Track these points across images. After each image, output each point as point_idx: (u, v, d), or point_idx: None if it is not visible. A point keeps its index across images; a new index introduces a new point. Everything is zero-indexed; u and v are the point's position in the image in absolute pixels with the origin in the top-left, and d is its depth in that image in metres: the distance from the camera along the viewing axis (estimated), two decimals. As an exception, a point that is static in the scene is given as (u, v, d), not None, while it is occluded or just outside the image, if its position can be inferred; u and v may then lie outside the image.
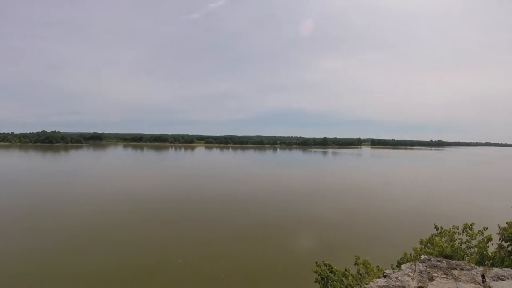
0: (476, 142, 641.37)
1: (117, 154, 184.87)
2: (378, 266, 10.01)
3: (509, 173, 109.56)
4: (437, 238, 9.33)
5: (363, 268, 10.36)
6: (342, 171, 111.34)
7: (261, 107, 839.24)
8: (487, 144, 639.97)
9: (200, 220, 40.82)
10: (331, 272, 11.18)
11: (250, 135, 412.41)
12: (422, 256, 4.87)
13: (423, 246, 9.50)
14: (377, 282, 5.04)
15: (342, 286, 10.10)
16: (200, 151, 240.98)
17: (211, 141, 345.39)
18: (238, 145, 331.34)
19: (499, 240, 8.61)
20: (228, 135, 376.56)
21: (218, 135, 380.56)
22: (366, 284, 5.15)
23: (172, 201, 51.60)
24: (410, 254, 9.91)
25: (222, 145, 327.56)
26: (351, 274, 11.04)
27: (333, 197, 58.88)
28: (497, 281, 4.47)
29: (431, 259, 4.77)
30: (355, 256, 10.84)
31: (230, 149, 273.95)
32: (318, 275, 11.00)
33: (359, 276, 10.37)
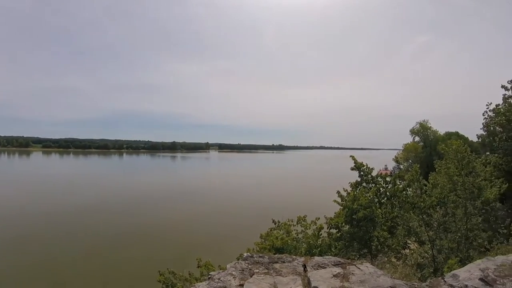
0: (312, 146, 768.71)
1: None
2: (219, 266, 9.62)
3: (336, 170, 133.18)
4: (275, 232, 9.67)
5: (205, 269, 9.83)
6: (189, 176, 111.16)
7: (106, 108, 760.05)
8: (322, 148, 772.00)
9: (42, 237, 32.41)
10: (176, 278, 10.91)
11: (94, 138, 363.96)
12: (245, 254, 4.52)
13: (263, 240, 9.68)
14: (199, 286, 4.44)
15: None
16: (37, 156, 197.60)
17: (49, 145, 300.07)
18: (80, 149, 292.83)
19: (328, 228, 9.63)
20: (69, 138, 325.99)
21: (57, 137, 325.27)
22: (187, 290, 4.52)
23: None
24: (253, 249, 9.96)
25: (62, 149, 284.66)
26: (194, 277, 10.56)
27: (179, 201, 57.17)
28: (317, 269, 4.48)
29: (254, 256, 4.46)
30: (197, 259, 10.36)
31: (71, 154, 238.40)
32: (163, 284, 10.74)
33: (202, 278, 9.87)
